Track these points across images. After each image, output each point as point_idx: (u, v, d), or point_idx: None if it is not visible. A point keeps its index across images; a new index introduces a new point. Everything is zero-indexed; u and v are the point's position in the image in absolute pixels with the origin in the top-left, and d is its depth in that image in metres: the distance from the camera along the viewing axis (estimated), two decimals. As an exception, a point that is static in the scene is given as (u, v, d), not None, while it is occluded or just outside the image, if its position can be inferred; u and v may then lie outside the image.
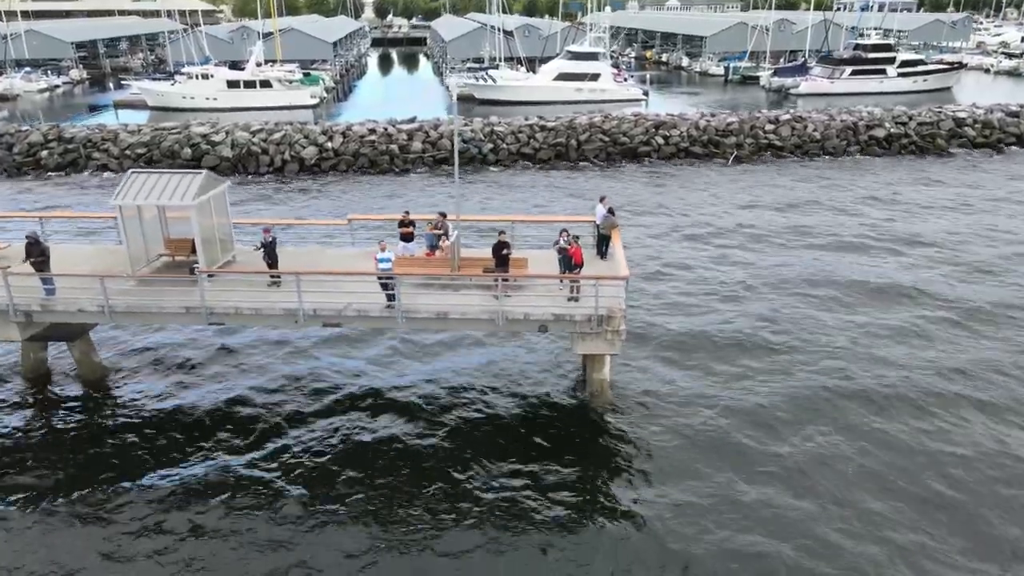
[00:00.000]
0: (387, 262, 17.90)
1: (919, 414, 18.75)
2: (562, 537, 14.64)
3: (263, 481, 16.29)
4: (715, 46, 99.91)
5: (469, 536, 14.69)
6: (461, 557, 14.17)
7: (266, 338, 22.97)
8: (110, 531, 14.85)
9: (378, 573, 13.84)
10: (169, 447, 17.57)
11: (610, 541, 14.48)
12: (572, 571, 13.82)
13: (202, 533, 14.81)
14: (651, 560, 14.02)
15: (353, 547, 14.42)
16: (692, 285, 27.03)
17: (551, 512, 15.26)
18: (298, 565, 13.98)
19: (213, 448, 17.48)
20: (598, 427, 18.45)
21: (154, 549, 14.42)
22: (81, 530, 14.91)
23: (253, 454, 17.25)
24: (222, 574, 13.82)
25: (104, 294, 17.86)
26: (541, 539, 14.54)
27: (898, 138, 50.24)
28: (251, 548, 14.38)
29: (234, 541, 14.56)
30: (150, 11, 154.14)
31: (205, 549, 14.36)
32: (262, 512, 15.31)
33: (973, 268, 28.38)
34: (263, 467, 16.80)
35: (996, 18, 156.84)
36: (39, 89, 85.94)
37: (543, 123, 49.84)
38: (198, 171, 19.80)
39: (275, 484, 16.12)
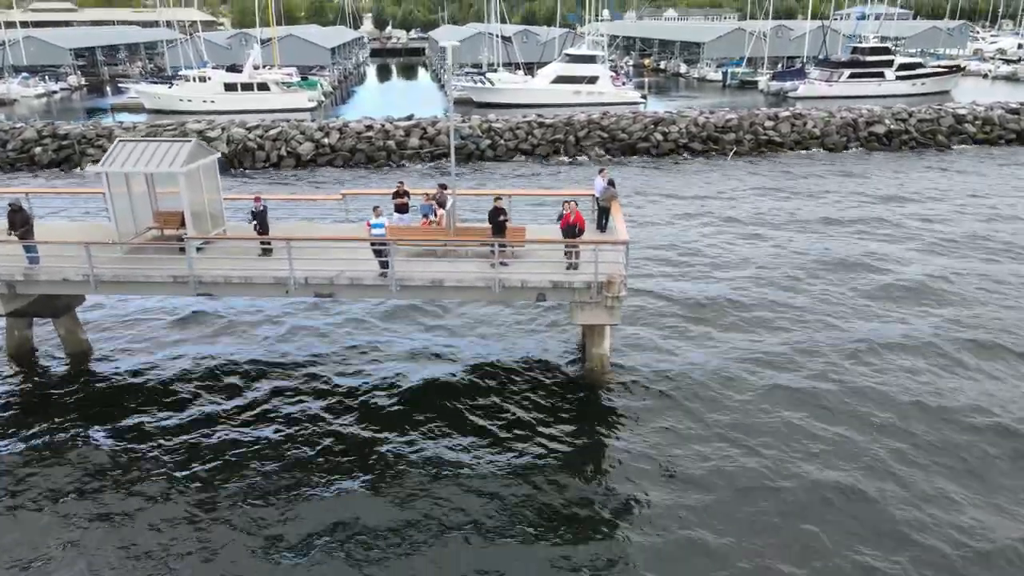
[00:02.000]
0: (381, 227, 17.42)
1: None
2: (557, 527, 13.90)
3: (252, 459, 15.65)
4: (713, 52, 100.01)
5: (458, 517, 14.00)
6: (449, 542, 13.41)
7: (256, 316, 22.45)
8: (92, 511, 14.20)
9: (362, 558, 13.18)
10: (154, 425, 16.95)
11: (606, 532, 13.62)
12: (566, 556, 13.07)
13: (189, 516, 14.16)
14: (649, 555, 13.33)
15: (337, 528, 13.78)
16: (691, 266, 26.57)
17: (544, 498, 14.39)
18: (289, 549, 13.29)
19: (201, 426, 16.83)
20: (595, 405, 17.81)
21: (138, 529, 13.80)
22: (60, 513, 14.26)
23: (243, 431, 16.64)
24: (207, 555, 13.14)
25: (89, 262, 17.34)
26: (534, 528, 13.70)
27: (898, 134, 49.96)
28: (240, 531, 13.66)
29: (223, 524, 13.84)
30: (150, 22, 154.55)
31: (191, 531, 13.68)
32: (252, 494, 14.60)
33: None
34: (253, 446, 16.17)
35: (992, 28, 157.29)
36: (36, 94, 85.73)
37: (541, 120, 49.55)
38: (187, 139, 19.35)
39: (266, 465, 15.43)
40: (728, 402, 17.70)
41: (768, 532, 13.42)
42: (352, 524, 13.69)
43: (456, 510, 14.05)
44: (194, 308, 22.99)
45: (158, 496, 14.49)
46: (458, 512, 13.99)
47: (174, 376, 19.14)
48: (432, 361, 19.90)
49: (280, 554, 13.01)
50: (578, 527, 13.64)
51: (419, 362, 19.84)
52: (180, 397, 18.10)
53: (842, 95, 74.53)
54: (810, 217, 33.13)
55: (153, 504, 14.27)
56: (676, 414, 17.22)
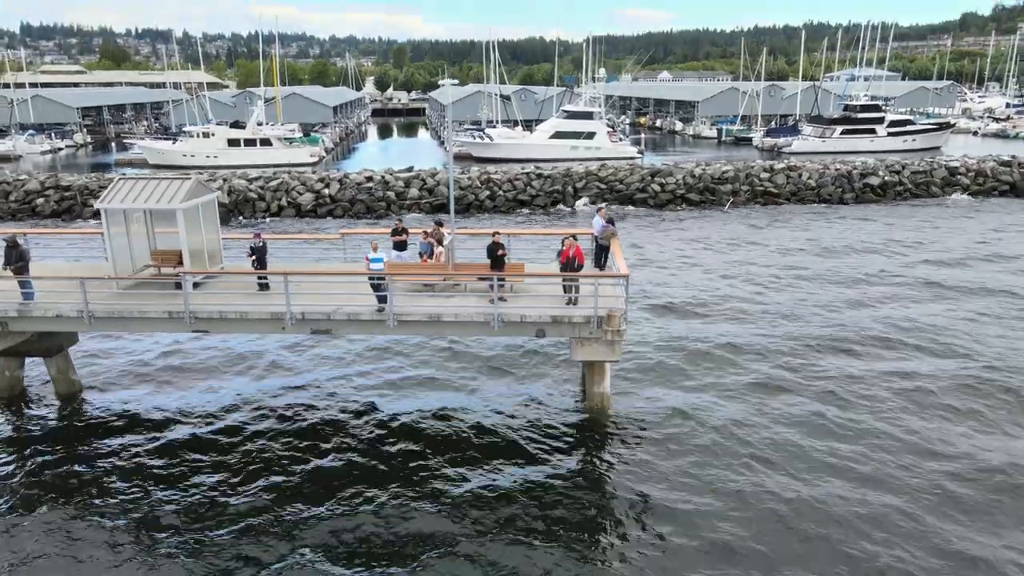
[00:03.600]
0: (379, 262, 17.33)
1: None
2: (554, 570, 13.41)
3: (242, 503, 15.15)
4: (707, 110, 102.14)
5: (459, 551, 13.54)
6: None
7: (250, 358, 22.14)
8: (81, 553, 13.66)
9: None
10: (145, 469, 16.39)
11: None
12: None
13: (177, 556, 13.65)
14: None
15: (336, 565, 13.27)
16: (693, 308, 26.41)
17: (545, 540, 13.86)
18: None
19: (190, 471, 16.26)
20: (596, 445, 17.35)
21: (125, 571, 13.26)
22: (52, 551, 13.73)
23: (232, 476, 16.11)
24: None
25: (84, 297, 17.15)
26: (530, 567, 13.27)
27: (892, 186, 50.52)
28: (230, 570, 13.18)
29: (213, 564, 13.36)
30: (157, 84, 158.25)
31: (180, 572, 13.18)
32: (241, 533, 14.12)
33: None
34: (243, 489, 15.69)
35: (979, 89, 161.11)
36: (42, 151, 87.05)
37: (539, 171, 50.13)
38: (187, 177, 19.43)
39: (257, 503, 14.94)
40: (730, 443, 17.23)
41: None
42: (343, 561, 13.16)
43: (448, 552, 13.52)
44: (189, 348, 22.70)
45: (141, 541, 13.95)
46: (450, 553, 13.46)
47: (165, 419, 18.69)
48: (429, 397, 19.52)
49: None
50: (577, 571, 13.10)
51: (415, 397, 19.46)
52: (171, 441, 17.58)
53: (835, 150, 75.69)
54: (810, 265, 33.15)
55: (139, 550, 13.72)
56: (678, 455, 16.72)
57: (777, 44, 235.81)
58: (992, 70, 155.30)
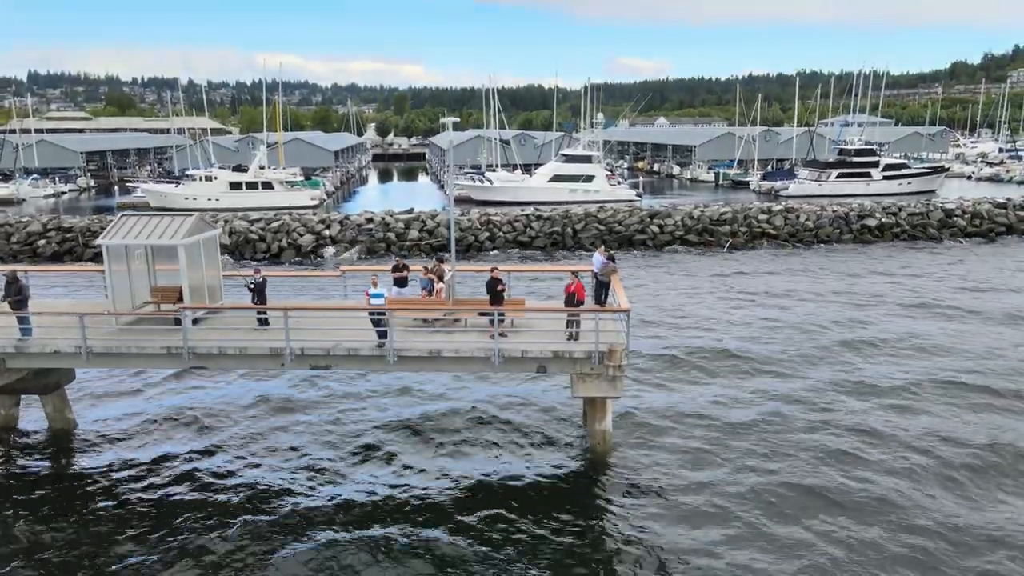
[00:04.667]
0: (379, 297, 17.28)
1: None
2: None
3: (238, 548, 14.82)
4: (704, 155, 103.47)
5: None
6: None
7: (248, 398, 21.91)
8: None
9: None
10: (138, 509, 16.06)
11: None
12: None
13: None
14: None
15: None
16: (692, 351, 26.29)
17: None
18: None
19: (184, 511, 15.93)
20: (598, 485, 17.02)
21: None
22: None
23: (230, 520, 15.77)
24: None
25: (82, 332, 17.05)
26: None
27: (890, 227, 50.87)
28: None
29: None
30: (161, 130, 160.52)
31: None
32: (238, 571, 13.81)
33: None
34: (237, 536, 15.36)
35: (971, 135, 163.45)
36: (45, 195, 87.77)
37: (539, 213, 50.49)
38: (189, 214, 19.52)
39: (252, 548, 14.61)
40: (735, 486, 16.93)
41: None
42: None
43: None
44: (187, 385, 22.49)
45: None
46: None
47: (160, 459, 18.40)
48: (428, 433, 19.27)
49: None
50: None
51: (413, 434, 19.21)
52: (166, 482, 17.27)
53: (831, 194, 76.39)
54: (811, 304, 33.14)
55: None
56: (679, 497, 16.36)
57: (771, 92, 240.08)
58: (984, 117, 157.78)
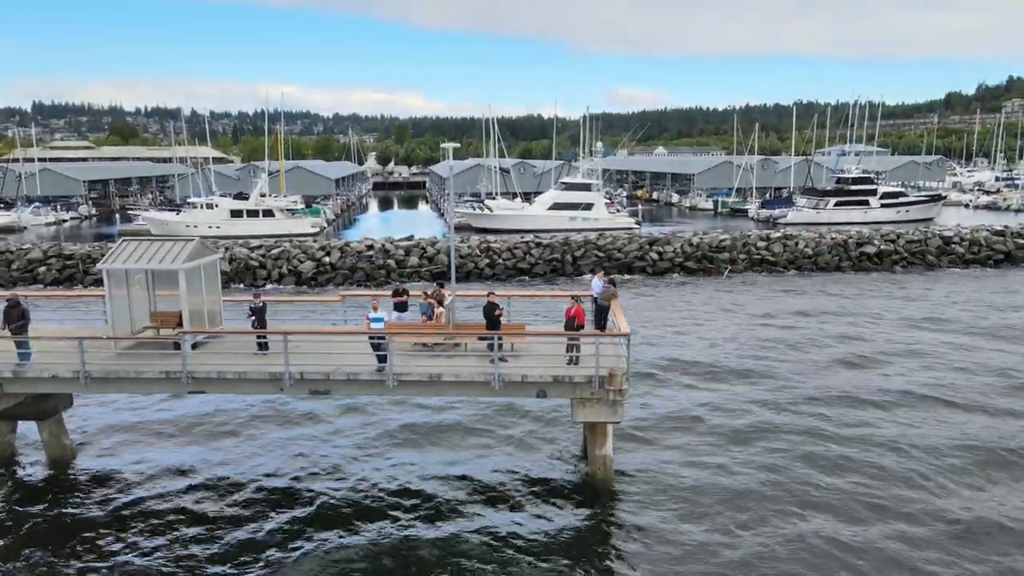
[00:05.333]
0: (379, 321, 17.28)
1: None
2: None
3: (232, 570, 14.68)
4: (703, 183, 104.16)
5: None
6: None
7: (248, 427, 21.79)
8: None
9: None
10: (134, 538, 15.81)
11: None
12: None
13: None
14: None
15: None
16: (695, 374, 26.21)
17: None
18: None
19: (180, 540, 15.69)
20: (598, 512, 16.81)
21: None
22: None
23: (226, 551, 15.61)
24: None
25: (81, 357, 17.00)
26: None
27: (888, 254, 51.01)
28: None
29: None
30: (164, 159, 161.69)
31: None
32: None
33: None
34: (232, 555, 15.21)
35: (968, 164, 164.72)
36: (46, 223, 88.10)
37: (538, 240, 50.67)
38: (191, 239, 19.60)
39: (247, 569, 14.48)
40: (736, 512, 16.77)
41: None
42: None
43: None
44: (185, 411, 22.37)
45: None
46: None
47: (158, 486, 18.23)
48: (427, 460, 19.12)
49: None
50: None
51: (411, 460, 19.06)
52: (164, 508, 17.09)
53: (829, 221, 76.72)
54: (812, 331, 33.11)
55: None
56: (682, 524, 16.17)
57: (768, 121, 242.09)
58: (979, 146, 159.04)
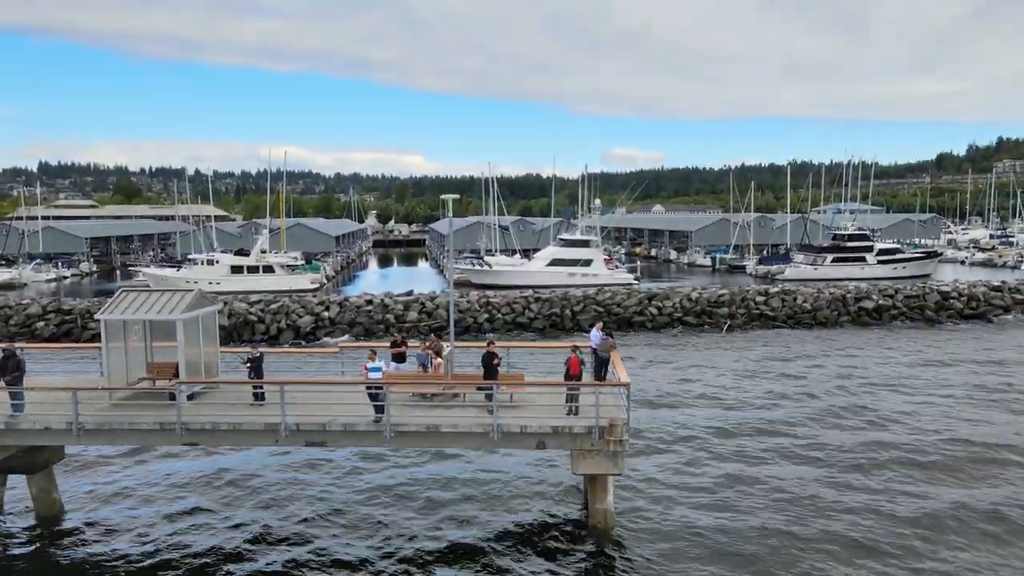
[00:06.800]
0: (377, 371, 17.16)
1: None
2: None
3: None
4: (700, 240, 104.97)
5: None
6: None
7: (238, 474, 21.39)
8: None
9: None
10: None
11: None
12: None
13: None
14: None
15: None
16: (696, 429, 25.91)
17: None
18: None
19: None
20: (600, 568, 16.40)
21: None
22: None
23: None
24: None
25: (75, 408, 16.80)
26: None
27: (887, 309, 51.05)
28: None
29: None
30: (166, 216, 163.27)
31: None
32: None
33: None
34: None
35: (962, 223, 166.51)
36: (47, 279, 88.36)
37: (538, 295, 50.78)
38: (190, 289, 19.61)
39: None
40: (740, 567, 16.39)
41: None
42: None
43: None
44: (178, 465, 22.00)
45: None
46: None
47: (148, 544, 17.78)
48: (423, 513, 18.70)
49: None
50: None
51: (409, 512, 18.63)
52: (154, 565, 16.67)
53: (827, 278, 76.99)
54: (814, 386, 32.89)
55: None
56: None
57: (764, 181, 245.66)
58: (973, 205, 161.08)
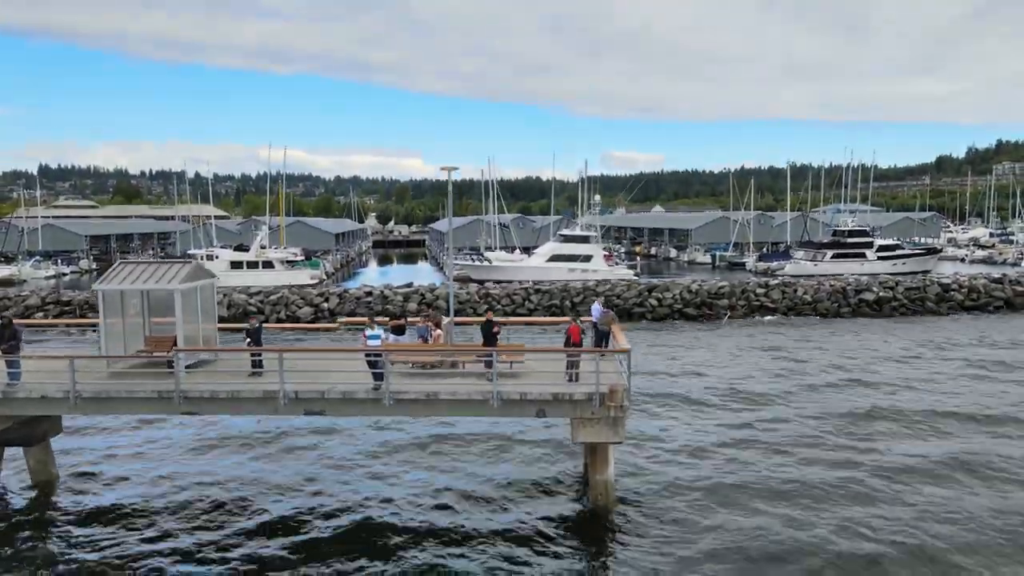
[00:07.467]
0: (376, 339, 17.06)
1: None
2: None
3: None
4: (700, 238, 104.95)
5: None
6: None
7: (234, 440, 21.30)
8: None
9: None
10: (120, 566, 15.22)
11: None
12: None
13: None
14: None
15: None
16: (701, 407, 25.81)
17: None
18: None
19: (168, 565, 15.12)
20: (599, 542, 16.16)
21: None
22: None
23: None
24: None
25: (72, 376, 16.70)
26: None
27: (887, 301, 50.94)
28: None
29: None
30: (166, 217, 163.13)
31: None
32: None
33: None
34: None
35: (962, 224, 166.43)
36: (46, 276, 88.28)
37: (538, 287, 50.71)
38: (188, 261, 19.52)
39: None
40: (740, 541, 16.20)
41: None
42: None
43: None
44: (175, 438, 21.90)
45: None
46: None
47: (145, 515, 17.66)
48: (423, 485, 18.59)
49: None
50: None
51: (408, 486, 18.53)
52: (149, 536, 16.49)
53: (826, 274, 76.92)
54: (814, 375, 32.79)
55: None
56: (686, 556, 15.53)
57: (763, 183, 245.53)
58: (972, 206, 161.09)
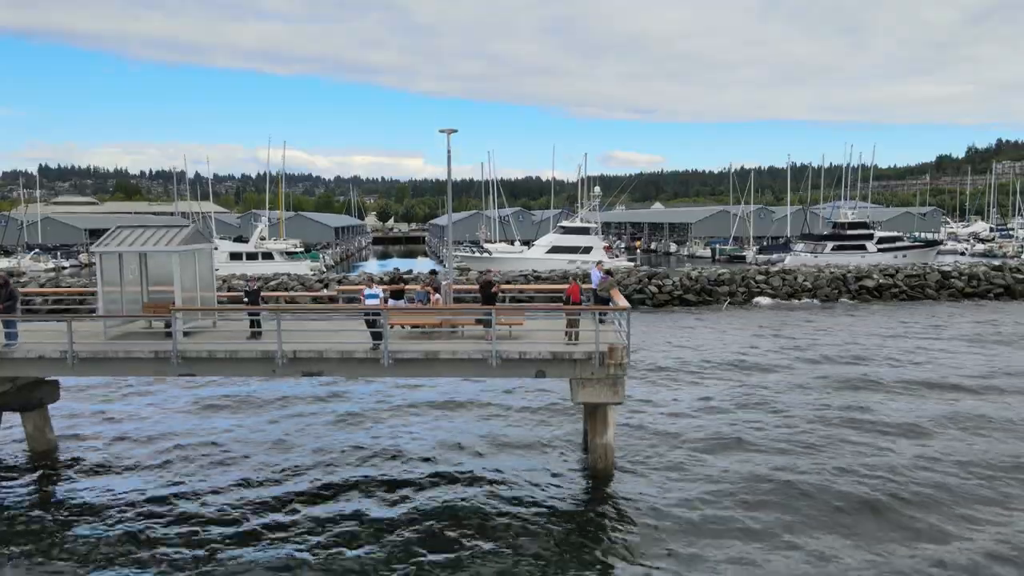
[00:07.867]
0: (375, 298, 16.99)
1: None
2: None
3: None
4: (700, 232, 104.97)
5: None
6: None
7: (242, 420, 21.23)
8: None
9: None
10: (117, 539, 14.89)
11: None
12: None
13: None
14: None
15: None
16: (700, 380, 25.75)
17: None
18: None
19: (168, 543, 14.71)
20: (599, 508, 15.87)
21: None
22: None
23: (216, 549, 14.82)
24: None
25: (69, 337, 16.60)
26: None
27: (888, 287, 50.88)
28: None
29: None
30: (166, 212, 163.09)
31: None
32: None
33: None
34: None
35: (962, 220, 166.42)
36: (45, 269, 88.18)
37: (537, 274, 50.66)
38: (186, 225, 19.45)
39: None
40: (742, 515, 16.03)
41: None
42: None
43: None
44: (172, 401, 21.83)
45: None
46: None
47: (146, 486, 17.56)
48: (420, 451, 18.52)
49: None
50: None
51: (406, 451, 18.46)
52: (147, 508, 16.25)
53: (827, 265, 76.84)
54: (814, 352, 32.75)
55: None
56: (688, 526, 15.06)
57: (763, 182, 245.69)
58: (972, 204, 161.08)
